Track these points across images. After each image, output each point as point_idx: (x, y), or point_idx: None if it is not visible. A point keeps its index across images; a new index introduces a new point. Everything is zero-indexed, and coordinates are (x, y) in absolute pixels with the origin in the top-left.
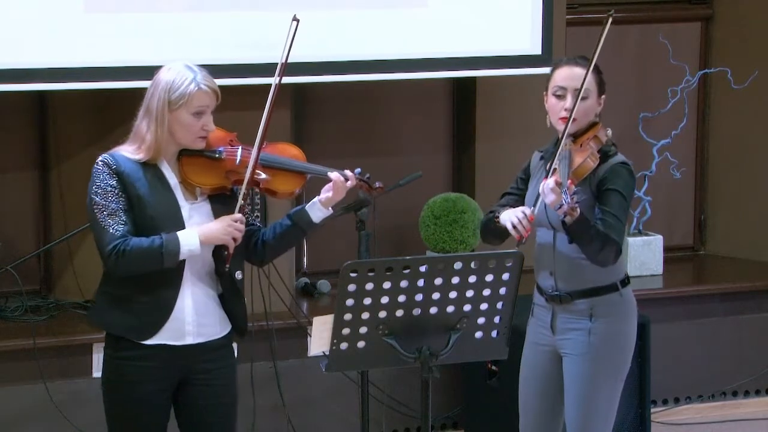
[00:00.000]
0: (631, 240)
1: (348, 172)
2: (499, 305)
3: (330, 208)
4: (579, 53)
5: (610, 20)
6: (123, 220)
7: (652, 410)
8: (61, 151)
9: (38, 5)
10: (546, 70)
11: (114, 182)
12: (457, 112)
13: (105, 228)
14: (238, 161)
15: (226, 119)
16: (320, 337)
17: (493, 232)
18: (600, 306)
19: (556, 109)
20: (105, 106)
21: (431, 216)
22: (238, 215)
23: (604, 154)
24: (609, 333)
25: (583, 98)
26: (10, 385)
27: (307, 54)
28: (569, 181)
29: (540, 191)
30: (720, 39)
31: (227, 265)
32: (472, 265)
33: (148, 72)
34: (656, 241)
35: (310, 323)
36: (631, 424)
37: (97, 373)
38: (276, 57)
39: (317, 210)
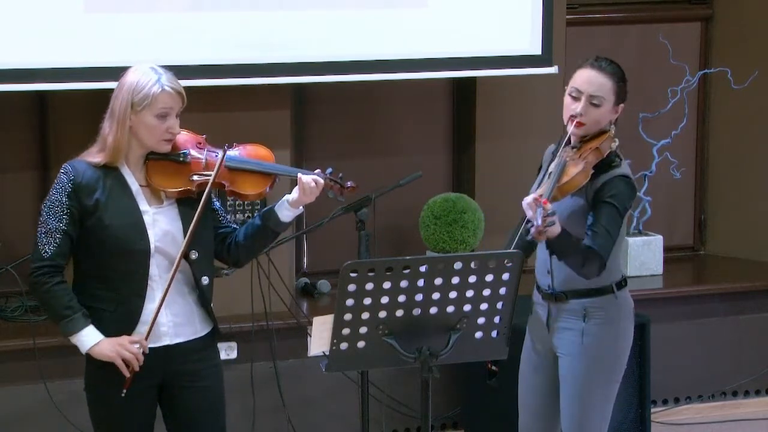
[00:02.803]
0: (631, 240)
1: (311, 175)
2: (499, 305)
3: (301, 208)
4: (579, 53)
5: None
6: (57, 242)
7: (652, 410)
8: (61, 152)
9: (38, 5)
10: (546, 69)
11: (65, 198)
12: (457, 112)
13: (37, 243)
14: (203, 164)
15: (225, 119)
16: (320, 337)
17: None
18: (594, 307)
19: (567, 109)
20: (105, 106)
21: (431, 216)
22: (137, 338)
23: (608, 165)
24: (602, 334)
25: (596, 105)
26: (10, 385)
27: (307, 54)
28: (544, 200)
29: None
30: (720, 39)
31: (123, 390)
32: (472, 265)
33: None
34: (656, 241)
35: (310, 323)
36: (631, 424)
37: None
38: (276, 57)
39: (285, 209)
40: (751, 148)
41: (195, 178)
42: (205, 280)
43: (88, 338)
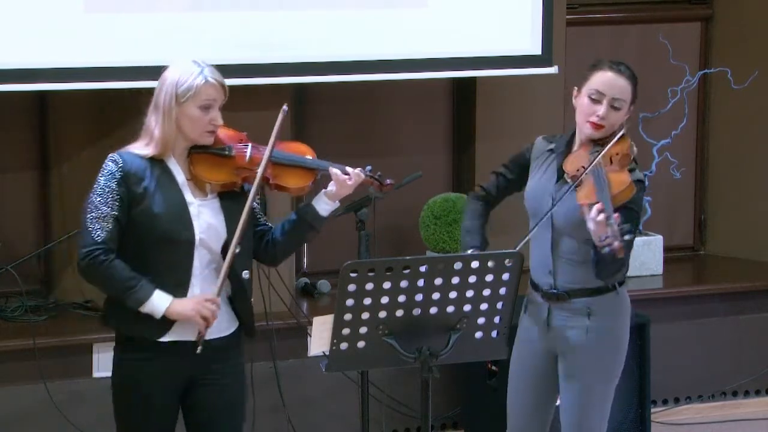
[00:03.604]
0: None
1: (349, 169)
2: (499, 305)
3: (337, 202)
4: (579, 53)
5: None
6: (108, 228)
7: (652, 410)
8: (61, 151)
9: (38, 5)
10: (546, 70)
11: (114, 184)
12: (457, 112)
13: (88, 229)
14: (248, 158)
15: (227, 119)
16: (320, 337)
17: None
18: (598, 304)
19: (587, 111)
20: (105, 106)
21: (431, 216)
22: (212, 296)
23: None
24: (606, 331)
25: (617, 109)
26: (10, 385)
27: (308, 54)
28: (616, 216)
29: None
30: (720, 39)
31: (199, 347)
32: (472, 265)
33: (148, 72)
34: (656, 241)
35: (310, 323)
36: (631, 424)
37: (97, 373)
38: (276, 57)
39: (323, 203)
40: (751, 148)
41: (240, 171)
42: (245, 274)
43: (161, 300)
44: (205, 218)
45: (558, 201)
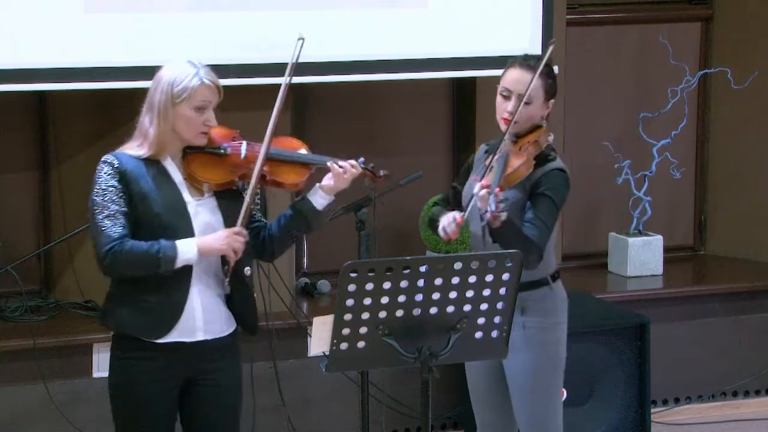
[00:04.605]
0: (631, 240)
1: (345, 163)
2: (499, 305)
3: (333, 195)
4: (579, 53)
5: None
6: (121, 223)
7: (652, 410)
8: (61, 152)
9: (38, 5)
10: None
11: (115, 182)
12: (457, 112)
13: (102, 229)
14: (243, 156)
15: (227, 119)
16: (320, 337)
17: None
18: (531, 300)
19: (500, 108)
20: (105, 106)
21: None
22: (239, 228)
23: (544, 159)
24: (542, 326)
25: (527, 103)
26: (10, 385)
27: (307, 54)
28: (497, 189)
29: (474, 192)
30: (720, 39)
31: (227, 279)
32: (472, 265)
33: (149, 72)
34: (656, 241)
35: (310, 323)
36: (631, 424)
37: (97, 373)
38: (276, 57)
39: (319, 197)
40: (751, 148)
41: (236, 169)
42: (247, 271)
43: (188, 248)
44: (203, 218)
45: (471, 191)
